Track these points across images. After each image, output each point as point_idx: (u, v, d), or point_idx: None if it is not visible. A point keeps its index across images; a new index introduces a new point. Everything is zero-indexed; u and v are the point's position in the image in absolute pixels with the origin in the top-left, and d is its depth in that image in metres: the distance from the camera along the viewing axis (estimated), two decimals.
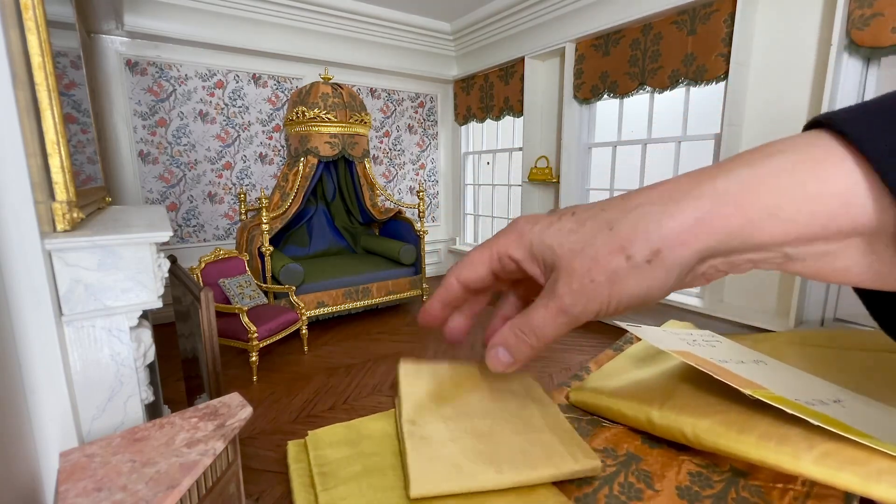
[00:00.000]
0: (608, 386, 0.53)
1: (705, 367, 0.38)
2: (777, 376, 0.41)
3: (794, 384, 0.40)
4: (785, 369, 0.44)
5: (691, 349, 0.43)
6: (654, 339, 0.43)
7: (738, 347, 0.47)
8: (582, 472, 0.41)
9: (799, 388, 0.39)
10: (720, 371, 0.37)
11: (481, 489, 0.41)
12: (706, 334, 0.50)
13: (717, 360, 0.41)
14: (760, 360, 0.44)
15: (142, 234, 1.09)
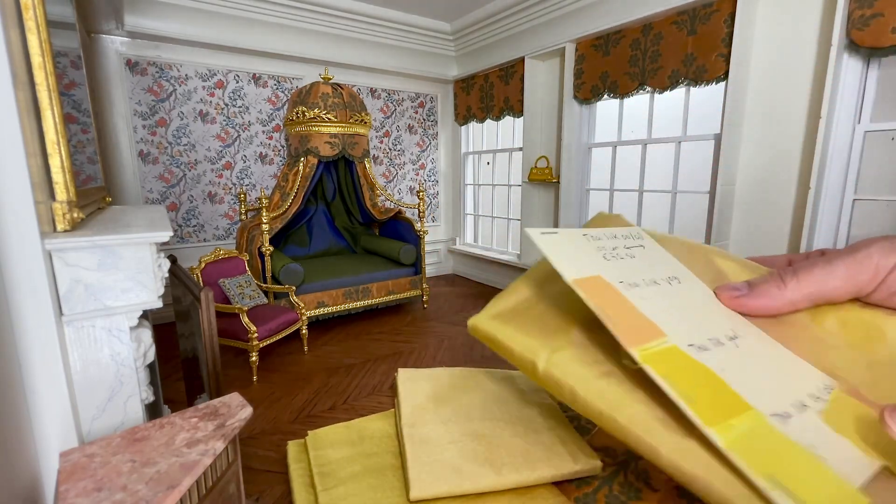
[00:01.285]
0: (511, 315, 0.41)
1: (601, 310, 0.33)
2: (682, 303, 0.38)
3: (694, 314, 0.37)
4: (694, 289, 0.40)
5: (604, 268, 0.38)
6: (562, 260, 0.37)
7: (658, 256, 0.43)
8: (582, 472, 0.41)
9: (699, 318, 0.36)
10: (615, 314, 0.33)
11: (481, 490, 0.41)
12: (632, 233, 0.45)
13: (628, 282, 0.37)
14: (675, 277, 0.40)
15: (142, 234, 1.09)
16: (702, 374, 0.32)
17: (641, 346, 0.32)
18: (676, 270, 0.41)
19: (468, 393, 0.53)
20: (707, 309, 0.38)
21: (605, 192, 3.57)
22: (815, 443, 0.28)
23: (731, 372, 0.32)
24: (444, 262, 5.21)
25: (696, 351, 0.33)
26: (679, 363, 0.32)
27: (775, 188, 2.52)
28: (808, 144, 2.34)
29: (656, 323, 0.34)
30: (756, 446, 0.28)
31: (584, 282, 0.35)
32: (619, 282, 0.37)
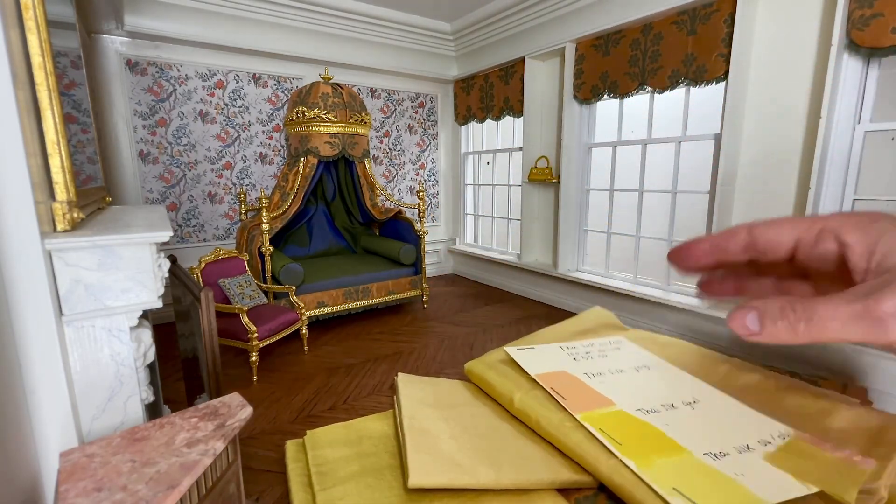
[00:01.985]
0: (495, 364, 0.59)
1: (554, 391, 0.46)
2: (644, 383, 0.47)
3: (655, 390, 0.45)
4: (664, 371, 0.49)
5: (571, 366, 0.49)
6: (532, 365, 0.51)
7: (632, 354, 0.53)
8: (579, 482, 0.41)
9: (659, 392, 0.45)
10: (567, 393, 0.45)
11: (480, 487, 0.41)
12: (612, 342, 0.56)
13: (591, 372, 0.49)
14: (644, 366, 0.50)
15: (142, 234, 1.09)
16: (640, 427, 0.40)
17: (585, 412, 0.42)
18: (649, 361, 0.51)
19: (469, 399, 0.54)
20: (671, 384, 0.46)
21: (605, 192, 3.57)
22: (744, 472, 0.34)
23: (674, 426, 0.39)
24: (444, 262, 5.21)
25: (643, 413, 0.42)
26: (620, 421, 0.41)
27: (775, 188, 2.52)
28: (808, 144, 2.34)
29: (609, 397, 0.45)
30: (669, 471, 0.35)
31: (546, 375, 0.49)
32: (584, 373, 0.49)
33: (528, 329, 3.29)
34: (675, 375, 0.47)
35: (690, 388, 0.44)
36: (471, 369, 0.58)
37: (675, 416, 0.40)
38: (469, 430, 0.48)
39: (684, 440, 0.37)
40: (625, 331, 0.64)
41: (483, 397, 0.57)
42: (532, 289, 4.13)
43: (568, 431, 0.43)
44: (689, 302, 2.84)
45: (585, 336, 0.66)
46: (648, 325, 3.00)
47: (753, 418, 0.40)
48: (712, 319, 2.72)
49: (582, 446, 0.41)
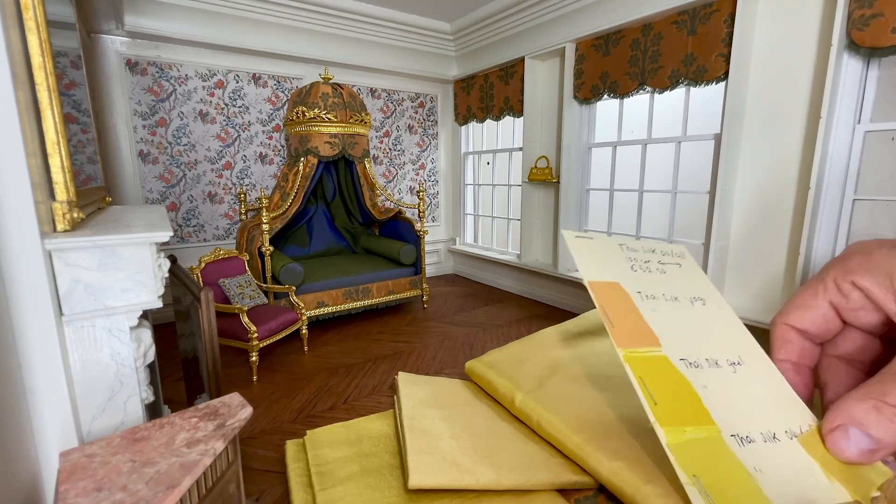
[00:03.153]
0: (496, 363, 0.57)
1: (603, 310, 0.39)
2: (695, 322, 0.42)
3: (704, 335, 0.41)
4: (718, 312, 0.44)
5: (626, 277, 0.43)
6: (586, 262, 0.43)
7: (691, 276, 0.46)
8: (579, 483, 0.41)
9: (707, 339, 0.40)
10: (616, 317, 0.39)
11: (481, 487, 0.41)
12: (675, 252, 0.49)
13: (646, 293, 0.42)
14: (700, 298, 0.44)
15: (142, 234, 1.09)
16: (679, 384, 0.36)
17: (629, 349, 0.37)
18: (706, 293, 0.45)
19: (469, 399, 0.54)
20: (722, 332, 0.42)
21: (605, 192, 3.57)
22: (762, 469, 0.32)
23: (713, 390, 0.36)
24: (444, 262, 5.21)
25: (686, 366, 0.37)
26: (661, 371, 0.37)
27: (775, 188, 2.52)
28: (808, 144, 2.34)
29: (656, 333, 0.39)
30: (695, 452, 0.33)
31: (599, 284, 0.41)
32: (637, 291, 0.42)
33: (528, 329, 3.29)
34: (728, 321, 0.42)
35: (739, 342, 0.40)
36: (471, 369, 0.57)
37: (716, 377, 0.36)
38: (469, 430, 0.48)
39: (717, 411, 0.34)
40: None
41: (484, 397, 0.57)
42: (532, 289, 4.13)
43: (570, 433, 0.42)
44: None
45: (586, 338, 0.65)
46: None
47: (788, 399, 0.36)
48: None
49: (583, 448, 0.40)
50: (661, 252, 0.47)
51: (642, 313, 0.40)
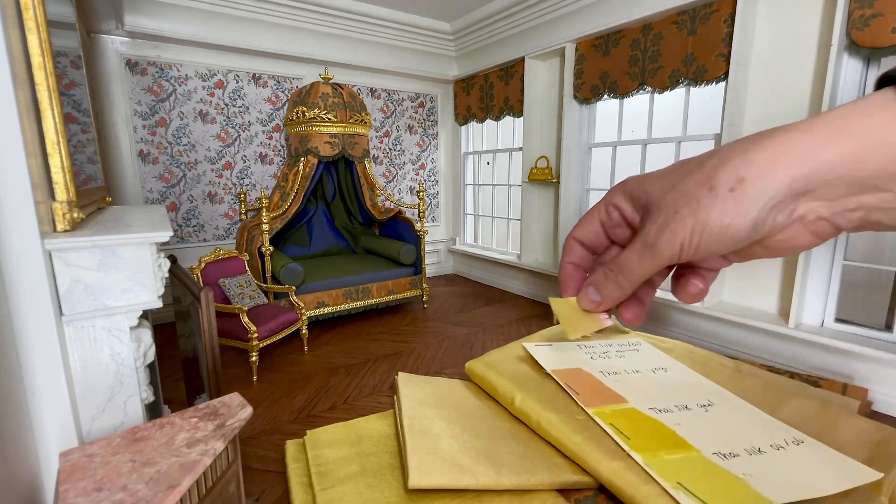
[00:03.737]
0: (496, 364, 0.57)
1: (568, 385, 0.45)
2: (659, 383, 0.46)
3: (670, 390, 0.45)
4: (680, 374, 0.48)
5: (587, 364, 0.49)
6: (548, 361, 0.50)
7: (650, 355, 0.52)
8: (579, 483, 0.42)
9: (674, 393, 0.44)
10: (581, 388, 0.45)
11: (481, 487, 0.41)
12: (631, 342, 0.55)
13: (608, 371, 0.48)
14: (661, 368, 0.49)
15: (142, 234, 1.09)
16: (650, 424, 0.40)
17: (597, 407, 0.42)
18: (667, 364, 0.50)
19: (469, 399, 0.54)
20: (688, 386, 0.46)
21: (605, 192, 3.56)
22: (752, 473, 0.34)
23: (686, 425, 0.39)
24: (444, 262, 5.21)
25: (656, 412, 0.41)
26: (631, 418, 0.41)
27: None
28: None
29: (623, 395, 0.44)
30: (676, 466, 0.35)
31: (562, 371, 0.48)
32: (600, 371, 0.48)
33: (528, 329, 3.29)
34: (692, 378, 0.47)
35: (706, 390, 0.44)
36: (471, 369, 0.57)
37: (687, 416, 0.40)
38: (469, 430, 0.48)
39: (694, 439, 0.37)
40: (626, 333, 0.63)
41: (484, 397, 0.57)
42: (532, 289, 4.13)
43: (569, 433, 0.43)
44: None
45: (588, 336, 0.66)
46: (648, 324, 3.00)
47: (768, 423, 0.40)
48: (712, 319, 2.72)
49: (583, 448, 0.41)
50: (619, 344, 0.53)
51: (606, 384, 0.46)
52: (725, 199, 0.26)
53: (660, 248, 0.29)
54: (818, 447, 0.36)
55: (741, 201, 0.25)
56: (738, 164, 0.26)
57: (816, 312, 2.41)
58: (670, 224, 0.28)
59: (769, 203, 0.25)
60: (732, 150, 0.27)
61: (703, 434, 0.37)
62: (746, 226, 0.26)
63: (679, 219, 0.28)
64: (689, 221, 0.27)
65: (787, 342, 2.42)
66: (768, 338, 2.50)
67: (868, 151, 0.23)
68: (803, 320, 2.42)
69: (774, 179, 0.25)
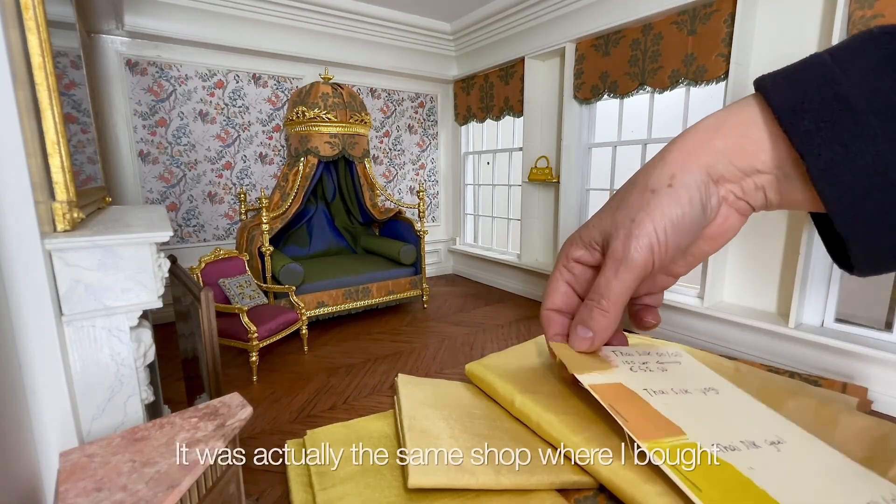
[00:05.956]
0: (495, 366, 0.57)
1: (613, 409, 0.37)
2: (715, 410, 0.40)
3: (731, 421, 0.39)
4: (735, 398, 0.42)
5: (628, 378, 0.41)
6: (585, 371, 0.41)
7: (694, 370, 0.45)
8: (580, 483, 0.41)
9: (735, 423, 0.38)
10: (630, 413, 0.37)
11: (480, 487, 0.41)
12: (671, 353, 0.48)
13: (653, 389, 0.40)
14: (712, 389, 0.42)
15: (142, 234, 1.09)
16: (721, 470, 0.33)
17: (652, 440, 0.35)
18: (716, 383, 0.43)
19: (469, 400, 0.54)
20: (748, 415, 0.40)
21: (606, 193, 3.57)
22: None
23: (762, 471, 0.33)
24: (444, 262, 5.21)
25: (722, 451, 0.35)
26: (696, 458, 0.34)
27: None
28: None
29: (679, 424, 0.37)
30: None
31: (602, 386, 0.39)
32: (643, 389, 0.40)
33: (527, 329, 3.29)
34: (750, 405, 0.40)
35: (771, 423, 0.38)
36: (471, 371, 0.57)
37: (760, 457, 0.34)
38: (469, 430, 0.48)
39: (777, 491, 0.31)
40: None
41: (483, 398, 0.57)
42: (532, 289, 4.13)
43: (569, 434, 0.42)
44: (687, 302, 2.84)
45: None
46: None
47: (849, 470, 0.33)
48: (711, 319, 2.72)
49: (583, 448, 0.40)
50: (658, 353, 0.47)
51: (655, 407, 0.38)
52: (669, 194, 0.30)
53: (633, 258, 0.31)
54: None
55: (682, 192, 0.30)
56: (661, 168, 0.31)
57: (816, 312, 2.41)
58: (633, 232, 0.31)
59: (701, 187, 0.30)
60: (653, 163, 0.32)
61: (786, 483, 0.32)
62: (697, 209, 0.30)
63: (638, 224, 0.30)
64: (648, 223, 0.30)
65: (787, 342, 2.42)
66: (768, 338, 2.50)
67: (738, 145, 0.29)
68: (803, 320, 2.42)
69: (693, 170, 0.30)
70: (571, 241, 0.36)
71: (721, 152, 0.29)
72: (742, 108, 0.29)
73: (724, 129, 0.29)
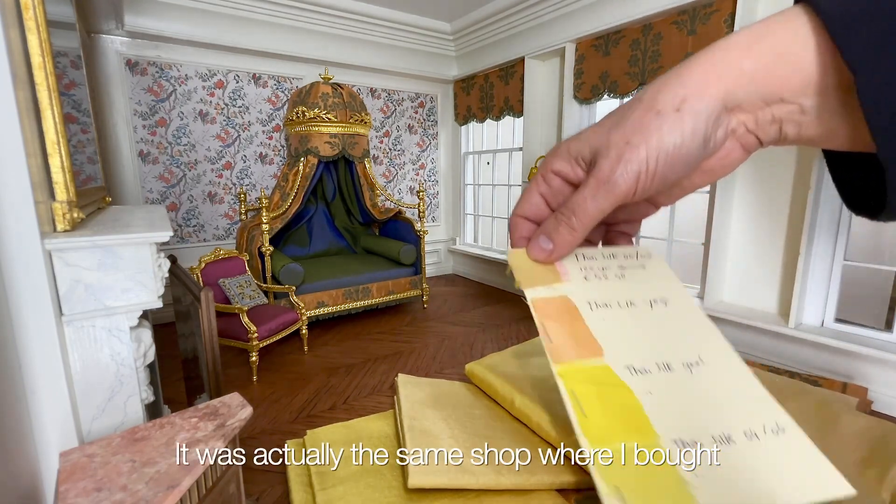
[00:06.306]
0: (495, 366, 0.56)
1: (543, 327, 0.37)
2: (648, 326, 0.38)
3: (659, 338, 0.38)
4: (678, 311, 0.40)
5: (577, 288, 0.39)
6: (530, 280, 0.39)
7: (655, 277, 0.42)
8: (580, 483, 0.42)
9: (662, 342, 0.37)
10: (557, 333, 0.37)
11: (480, 487, 0.41)
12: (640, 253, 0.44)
13: (598, 302, 0.39)
14: (661, 300, 0.40)
15: (142, 234, 1.09)
16: (617, 394, 0.33)
17: (565, 362, 0.35)
18: (669, 293, 0.41)
19: (469, 400, 0.54)
20: (682, 332, 0.39)
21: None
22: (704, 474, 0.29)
23: (658, 397, 0.33)
24: (444, 262, 5.21)
25: (631, 373, 0.35)
26: (599, 382, 0.34)
27: (775, 187, 2.52)
28: None
29: (601, 343, 0.36)
30: (623, 463, 0.30)
31: (542, 301, 0.39)
32: (587, 302, 0.39)
33: (527, 329, 3.29)
34: (691, 320, 0.39)
35: (701, 341, 0.37)
36: (471, 371, 0.57)
37: (665, 381, 0.33)
38: (469, 430, 0.48)
39: (659, 419, 0.31)
40: None
41: (483, 398, 0.57)
42: None
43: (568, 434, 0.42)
44: None
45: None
46: None
47: (755, 398, 0.33)
48: (712, 320, 2.72)
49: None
50: (624, 256, 0.44)
51: (589, 324, 0.38)
52: (674, 119, 0.27)
53: (616, 182, 0.29)
54: (799, 441, 0.31)
55: (687, 120, 0.27)
56: (675, 86, 0.28)
57: (816, 312, 2.41)
58: (624, 155, 0.28)
59: (710, 117, 0.27)
60: (668, 78, 0.28)
61: (673, 411, 0.32)
62: (698, 141, 0.28)
63: (632, 147, 0.28)
64: (643, 149, 0.28)
65: (787, 342, 2.42)
66: (768, 338, 2.50)
67: (774, 63, 0.25)
68: (803, 320, 2.42)
69: (708, 96, 0.27)
70: (557, 152, 0.34)
71: (748, 75, 0.26)
72: (784, 20, 0.25)
73: (759, 46, 0.26)
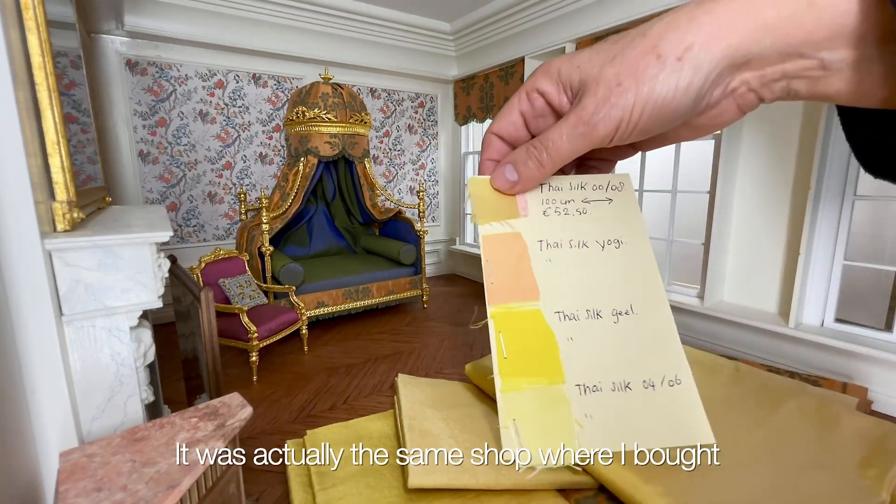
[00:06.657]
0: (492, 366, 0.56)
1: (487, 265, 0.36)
2: (592, 269, 0.38)
3: (598, 283, 0.37)
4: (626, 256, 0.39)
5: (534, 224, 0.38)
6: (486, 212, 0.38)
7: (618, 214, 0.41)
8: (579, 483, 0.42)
9: (599, 287, 0.37)
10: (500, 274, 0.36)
11: (480, 487, 0.41)
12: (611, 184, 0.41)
13: (550, 241, 0.38)
14: (615, 241, 0.39)
15: (142, 234, 1.09)
16: (540, 339, 0.34)
17: (500, 305, 0.35)
18: (625, 233, 0.40)
19: (469, 400, 0.54)
20: (622, 278, 0.38)
21: None
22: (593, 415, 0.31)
23: (576, 344, 0.34)
24: (444, 262, 5.21)
25: (559, 318, 0.35)
26: (526, 326, 0.35)
27: (775, 186, 2.52)
28: (808, 142, 2.34)
29: (539, 286, 0.36)
30: (525, 400, 0.31)
31: (493, 237, 0.37)
32: (539, 240, 0.38)
33: None
34: (637, 263, 0.38)
35: (638, 288, 0.37)
36: (472, 371, 0.57)
37: (588, 329, 0.34)
38: (469, 430, 0.48)
39: (571, 364, 0.32)
40: None
41: (483, 398, 0.57)
42: None
43: None
44: (688, 301, 2.84)
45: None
46: None
47: (667, 352, 0.34)
48: (711, 319, 2.72)
49: None
50: (593, 186, 0.41)
51: (534, 265, 0.37)
52: (672, 69, 0.25)
53: (596, 125, 0.27)
54: (688, 395, 0.32)
55: (686, 71, 0.25)
56: (685, 30, 0.25)
57: (816, 312, 2.41)
58: (611, 98, 0.27)
59: (712, 74, 0.25)
60: (678, 16, 0.25)
61: (585, 358, 0.33)
62: (690, 98, 0.26)
63: (622, 91, 0.26)
64: (631, 95, 0.26)
65: (787, 342, 2.42)
66: (768, 338, 2.50)
67: (804, 12, 0.23)
68: (803, 320, 2.42)
69: (717, 48, 0.24)
70: (547, 70, 0.31)
71: (767, 26, 0.23)
72: None
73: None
